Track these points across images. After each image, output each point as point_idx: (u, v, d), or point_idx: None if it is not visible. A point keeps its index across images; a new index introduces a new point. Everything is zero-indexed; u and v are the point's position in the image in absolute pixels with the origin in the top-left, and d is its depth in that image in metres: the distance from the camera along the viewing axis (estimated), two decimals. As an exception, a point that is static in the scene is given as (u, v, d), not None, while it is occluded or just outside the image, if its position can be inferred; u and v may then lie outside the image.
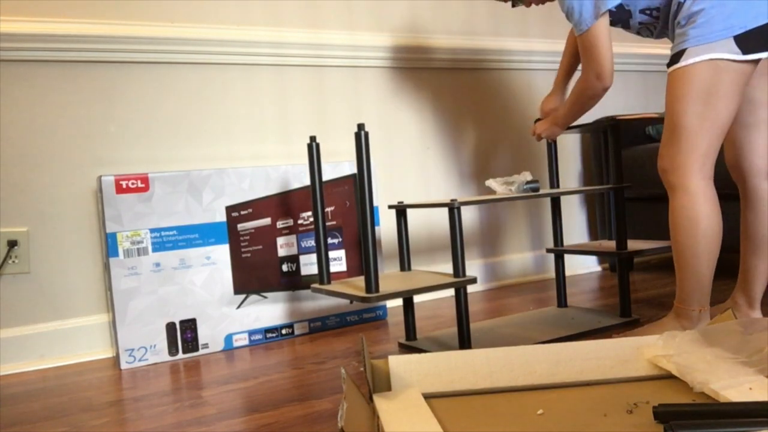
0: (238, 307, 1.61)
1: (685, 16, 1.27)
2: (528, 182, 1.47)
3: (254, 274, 1.63)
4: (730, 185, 1.44)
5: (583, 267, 2.39)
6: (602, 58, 1.35)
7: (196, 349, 1.56)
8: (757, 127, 1.37)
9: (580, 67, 1.45)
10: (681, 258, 1.31)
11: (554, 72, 2.34)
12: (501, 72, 2.23)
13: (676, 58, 1.28)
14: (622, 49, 2.44)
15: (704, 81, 1.24)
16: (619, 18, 1.41)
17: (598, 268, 2.42)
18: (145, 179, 1.51)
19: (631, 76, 2.51)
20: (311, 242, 1.71)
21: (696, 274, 1.30)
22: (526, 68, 2.28)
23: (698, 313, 1.32)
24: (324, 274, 1.44)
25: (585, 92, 1.42)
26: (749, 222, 1.40)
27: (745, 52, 1.22)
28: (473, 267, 2.16)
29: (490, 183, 1.50)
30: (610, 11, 1.36)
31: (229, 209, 1.60)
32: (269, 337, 1.65)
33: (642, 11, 1.38)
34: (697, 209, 1.27)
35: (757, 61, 1.25)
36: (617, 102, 2.47)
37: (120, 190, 1.48)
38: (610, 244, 1.67)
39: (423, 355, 1.01)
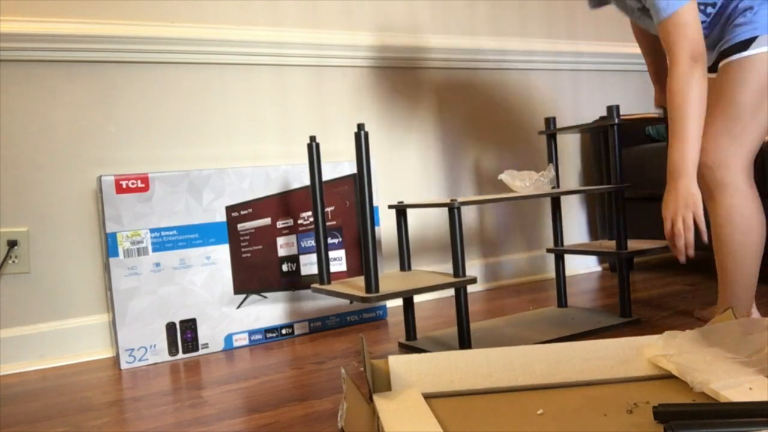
0: (238, 307, 1.61)
1: (743, 8, 1.22)
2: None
3: (254, 274, 1.63)
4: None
5: (583, 267, 2.38)
6: (696, 36, 1.22)
7: (196, 349, 1.56)
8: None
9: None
10: (734, 259, 1.24)
11: (554, 72, 2.35)
12: (501, 72, 2.23)
13: (744, 45, 1.19)
14: (621, 49, 2.45)
15: None
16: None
17: (598, 268, 2.41)
18: (145, 179, 1.51)
19: (631, 76, 2.51)
20: (311, 242, 1.70)
21: (749, 275, 1.25)
22: (526, 68, 2.28)
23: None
24: (324, 274, 1.44)
25: (684, 85, 1.21)
26: None
27: None
28: (473, 267, 2.16)
29: (504, 177, 1.47)
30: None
31: (229, 209, 1.60)
32: (269, 337, 1.65)
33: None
34: (752, 208, 1.23)
35: None
36: (617, 102, 2.47)
37: (120, 190, 1.48)
38: (610, 244, 1.67)
39: (423, 355, 1.01)
